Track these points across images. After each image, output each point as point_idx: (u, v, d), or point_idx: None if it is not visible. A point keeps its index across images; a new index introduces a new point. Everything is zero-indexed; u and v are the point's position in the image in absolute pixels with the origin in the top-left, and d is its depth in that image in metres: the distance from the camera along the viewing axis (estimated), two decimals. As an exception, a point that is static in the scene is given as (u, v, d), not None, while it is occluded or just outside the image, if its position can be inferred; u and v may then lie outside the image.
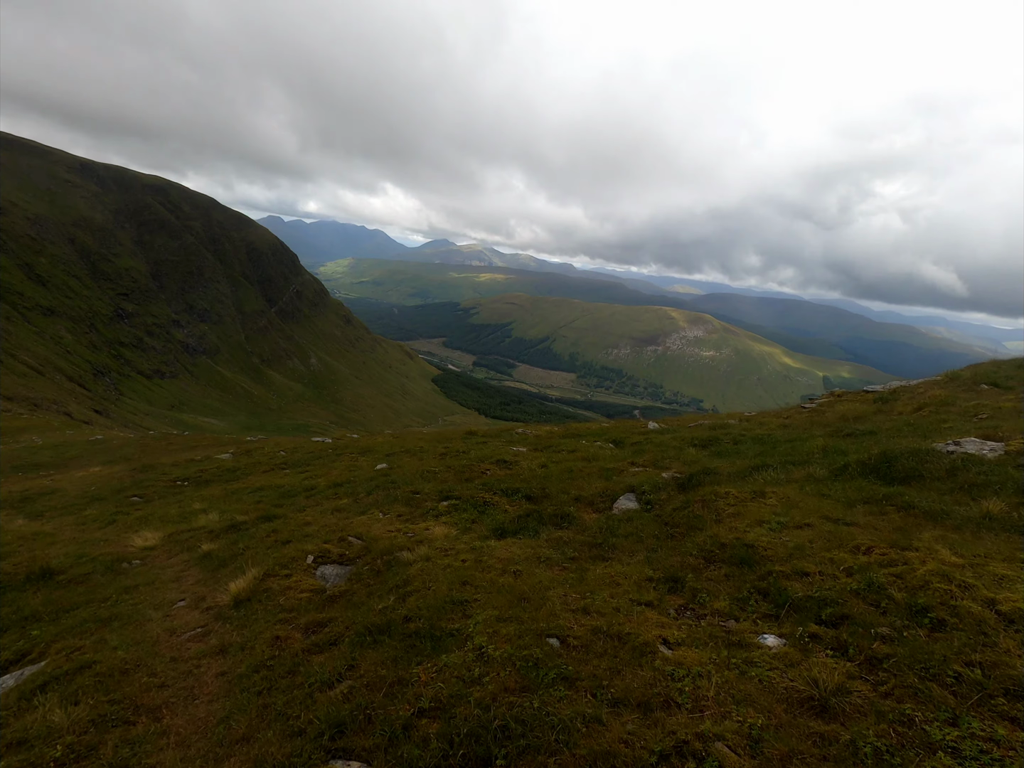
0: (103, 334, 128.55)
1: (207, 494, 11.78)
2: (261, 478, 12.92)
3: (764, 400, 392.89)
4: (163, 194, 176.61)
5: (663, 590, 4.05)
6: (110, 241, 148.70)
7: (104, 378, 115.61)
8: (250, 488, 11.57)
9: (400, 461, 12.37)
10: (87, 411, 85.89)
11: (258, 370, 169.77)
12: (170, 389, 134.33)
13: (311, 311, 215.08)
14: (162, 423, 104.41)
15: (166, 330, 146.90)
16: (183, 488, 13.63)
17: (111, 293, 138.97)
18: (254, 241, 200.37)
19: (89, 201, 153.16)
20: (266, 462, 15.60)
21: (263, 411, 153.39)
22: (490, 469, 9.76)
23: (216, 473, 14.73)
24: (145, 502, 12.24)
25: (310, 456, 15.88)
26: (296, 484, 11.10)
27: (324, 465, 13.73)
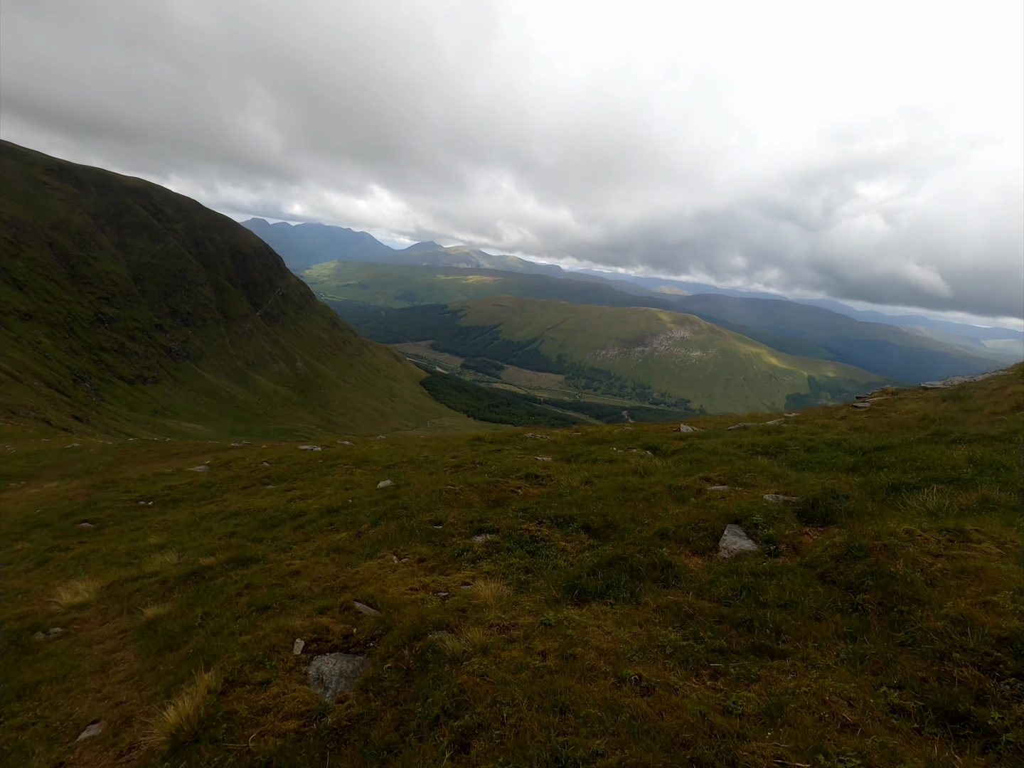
0: (83, 339, 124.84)
1: (171, 520, 9.67)
2: (239, 497, 10.86)
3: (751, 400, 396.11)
4: (144, 196, 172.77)
5: (942, 737, 2.29)
6: (90, 244, 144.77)
7: (84, 384, 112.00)
8: (224, 513, 9.43)
9: (406, 475, 10.43)
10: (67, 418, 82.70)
11: (243, 374, 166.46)
12: (153, 394, 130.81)
13: (297, 314, 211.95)
14: (145, 429, 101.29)
15: (148, 334, 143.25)
16: (146, 510, 11.41)
17: (91, 297, 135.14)
18: (238, 244, 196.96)
19: (68, 203, 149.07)
20: (246, 476, 13.46)
21: (249, 416, 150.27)
22: (520, 486, 7.89)
23: (187, 490, 12.51)
24: (96, 530, 10.07)
25: (297, 468, 13.85)
26: (280, 507, 9.00)
27: (314, 481, 11.61)
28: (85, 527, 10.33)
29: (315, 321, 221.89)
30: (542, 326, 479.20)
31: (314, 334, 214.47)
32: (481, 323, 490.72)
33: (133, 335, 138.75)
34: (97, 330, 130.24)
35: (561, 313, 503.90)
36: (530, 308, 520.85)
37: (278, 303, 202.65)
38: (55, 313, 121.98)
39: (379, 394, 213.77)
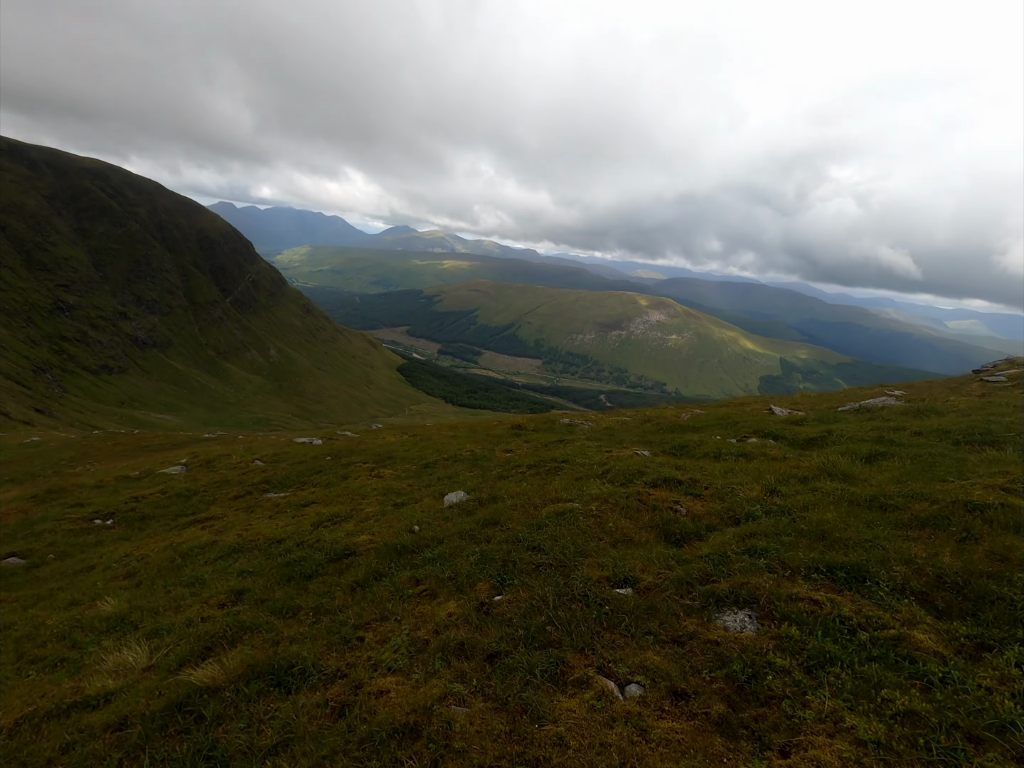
0: (42, 328, 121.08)
1: (137, 558, 6.98)
2: (234, 515, 8.47)
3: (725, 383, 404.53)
4: (103, 179, 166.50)
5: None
6: (46, 229, 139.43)
7: (45, 375, 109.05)
8: (219, 547, 6.71)
9: (473, 482, 7.85)
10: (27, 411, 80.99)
11: (214, 363, 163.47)
12: (119, 385, 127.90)
13: (268, 301, 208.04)
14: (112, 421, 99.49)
15: (112, 323, 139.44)
16: (102, 533, 8.90)
17: (49, 284, 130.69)
18: (205, 228, 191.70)
19: (20, 186, 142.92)
20: (236, 480, 11.26)
21: (221, 405, 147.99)
22: (676, 500, 5.83)
23: (159, 502, 10.25)
24: (24, 571, 7.47)
25: (303, 469, 11.62)
26: (306, 537, 6.39)
27: (333, 487, 9.41)
28: (10, 565, 7.59)
29: (288, 308, 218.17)
30: (519, 311, 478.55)
31: (287, 321, 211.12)
32: (458, 308, 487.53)
33: (96, 324, 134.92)
34: (57, 319, 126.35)
35: (538, 298, 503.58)
36: (507, 293, 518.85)
37: (248, 289, 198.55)
38: (10, 301, 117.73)
39: (356, 381, 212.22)
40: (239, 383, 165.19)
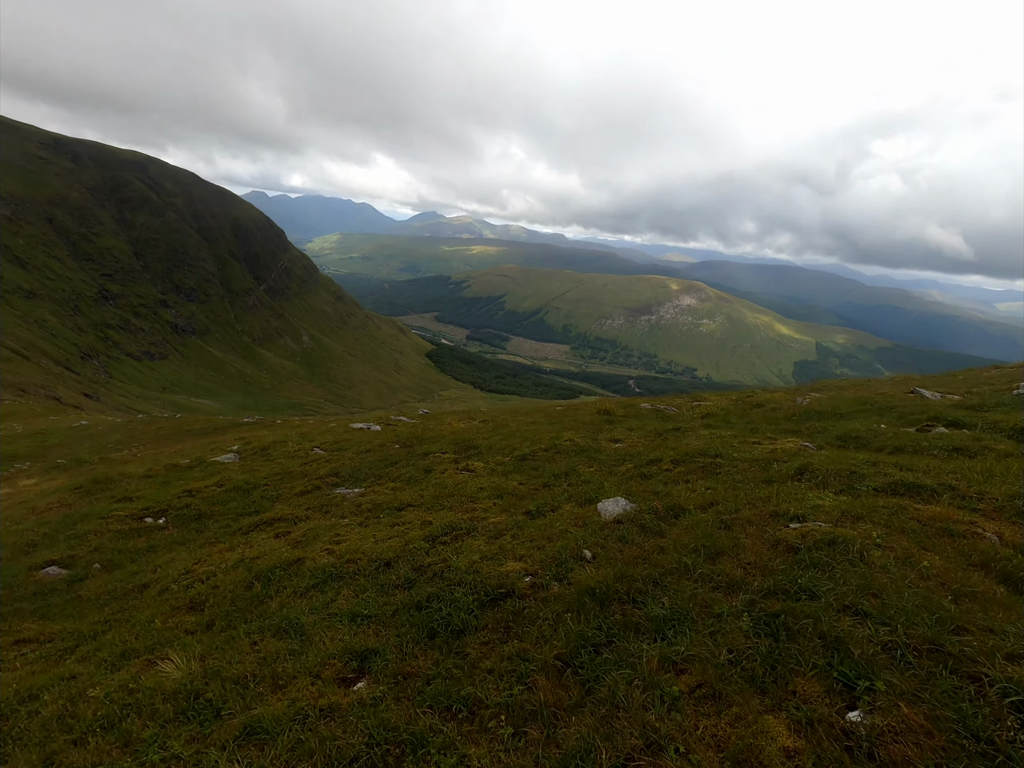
0: (88, 316, 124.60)
1: (200, 574, 5.53)
2: (309, 519, 6.93)
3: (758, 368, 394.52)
4: (142, 170, 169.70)
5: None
6: (90, 220, 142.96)
7: (92, 361, 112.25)
8: (306, 572, 5.05)
9: (631, 488, 6.14)
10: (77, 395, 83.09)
11: (249, 349, 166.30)
12: (161, 371, 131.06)
13: (301, 288, 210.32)
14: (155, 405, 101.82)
15: (153, 310, 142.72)
16: (153, 536, 7.50)
17: (94, 274, 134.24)
18: (239, 217, 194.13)
19: (65, 179, 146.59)
20: (299, 471, 9.85)
21: (257, 390, 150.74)
22: (979, 524, 4.19)
23: (216, 497, 8.84)
24: (66, 588, 6.05)
25: (371, 459, 10.03)
26: (418, 555, 4.98)
27: (418, 484, 7.82)
28: (50, 576, 6.32)
29: (319, 295, 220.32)
30: (547, 296, 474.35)
31: (319, 308, 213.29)
32: (485, 294, 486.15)
33: (138, 311, 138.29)
34: (102, 307, 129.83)
35: (566, 283, 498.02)
36: (535, 278, 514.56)
37: (281, 277, 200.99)
38: (59, 291, 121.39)
39: (385, 367, 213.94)
40: (273, 369, 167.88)
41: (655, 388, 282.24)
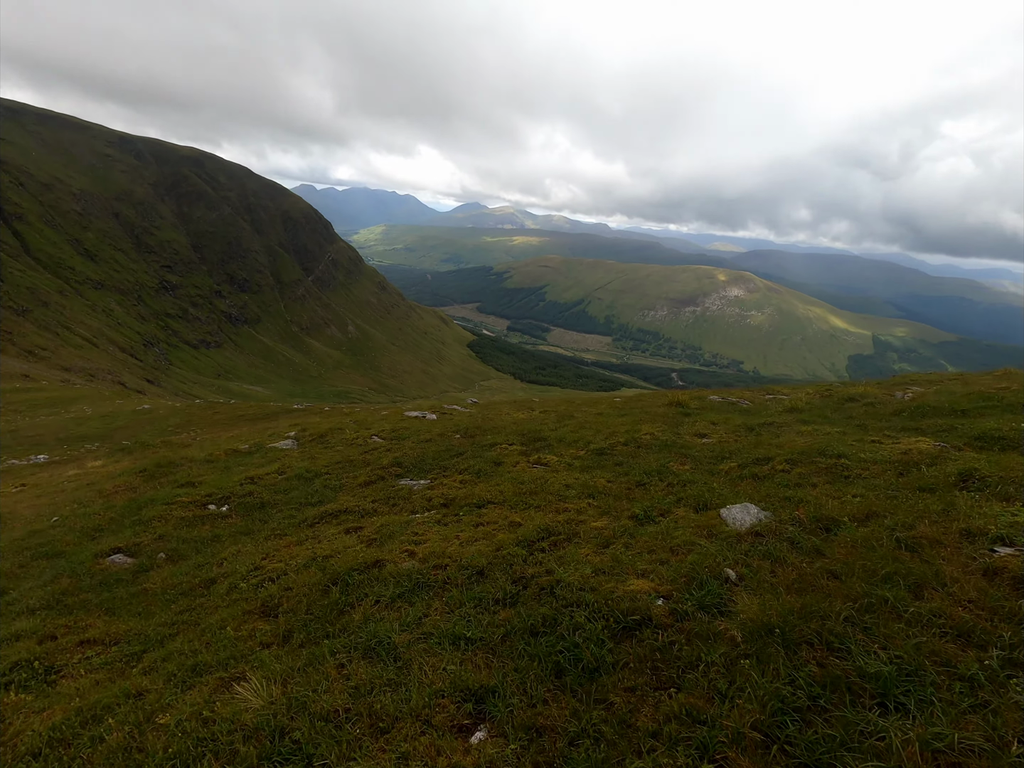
0: (150, 306, 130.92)
1: (270, 572, 5.04)
2: (377, 513, 6.42)
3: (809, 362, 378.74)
4: (199, 165, 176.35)
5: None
6: (152, 214, 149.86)
7: (154, 348, 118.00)
8: (389, 578, 4.40)
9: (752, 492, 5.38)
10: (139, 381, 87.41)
11: (298, 338, 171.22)
12: (216, 358, 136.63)
13: (347, 279, 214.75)
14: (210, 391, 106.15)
15: (209, 301, 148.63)
16: (217, 524, 7.14)
17: (155, 265, 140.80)
18: (289, 210, 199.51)
19: (129, 175, 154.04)
20: (360, 460, 9.28)
21: (304, 378, 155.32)
22: None
23: (278, 485, 8.41)
24: (131, 579, 5.68)
25: (434, 449, 9.45)
26: (515, 562, 4.33)
27: (493, 478, 7.10)
28: (115, 565, 5.97)
29: (364, 285, 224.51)
30: (589, 287, 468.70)
31: (364, 298, 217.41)
32: (527, 284, 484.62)
33: (195, 302, 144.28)
34: (163, 297, 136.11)
35: (608, 273, 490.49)
36: (576, 268, 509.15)
37: (329, 268, 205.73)
38: (124, 281, 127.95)
39: (427, 357, 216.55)
40: (320, 357, 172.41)
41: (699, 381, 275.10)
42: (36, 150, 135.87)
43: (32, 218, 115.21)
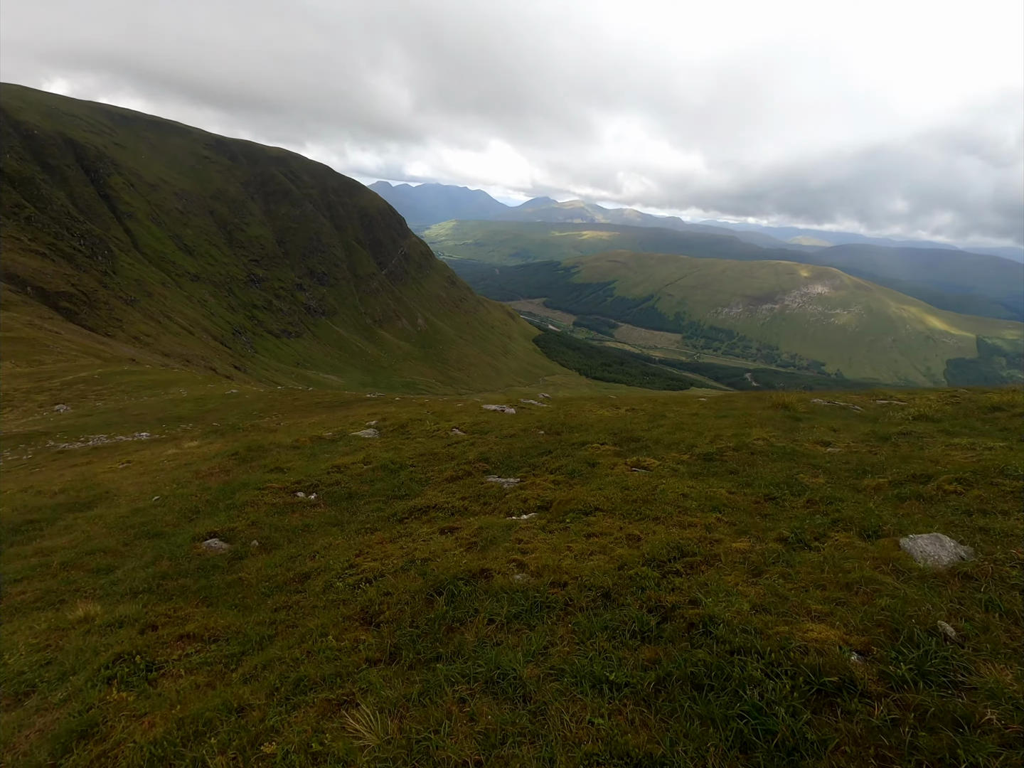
0: (239, 297, 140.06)
1: (367, 572, 4.70)
2: (478, 517, 5.92)
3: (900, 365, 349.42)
4: (285, 165, 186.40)
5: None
6: (242, 211, 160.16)
7: (241, 337, 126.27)
8: (500, 592, 3.85)
9: (924, 519, 4.41)
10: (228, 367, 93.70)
11: (370, 330, 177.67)
12: (295, 347, 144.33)
13: (418, 273, 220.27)
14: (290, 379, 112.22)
15: (291, 293, 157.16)
16: (307, 513, 7.01)
17: (244, 259, 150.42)
18: (365, 206, 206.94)
19: (223, 175, 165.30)
20: (444, 453, 9.03)
21: (376, 368, 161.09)
22: None
23: (363, 475, 8.21)
24: (227, 567, 5.58)
25: (520, 445, 8.95)
26: (646, 584, 3.68)
27: (590, 481, 6.49)
28: (212, 550, 5.97)
29: (434, 279, 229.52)
30: (659, 282, 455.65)
31: (433, 292, 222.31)
32: (595, 280, 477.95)
33: (279, 294, 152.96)
34: (250, 289, 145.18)
35: (681, 268, 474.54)
36: (647, 263, 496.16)
37: (401, 262, 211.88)
38: (217, 274, 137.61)
39: (493, 351, 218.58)
40: (390, 349, 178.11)
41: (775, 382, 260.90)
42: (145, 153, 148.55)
43: (141, 216, 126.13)
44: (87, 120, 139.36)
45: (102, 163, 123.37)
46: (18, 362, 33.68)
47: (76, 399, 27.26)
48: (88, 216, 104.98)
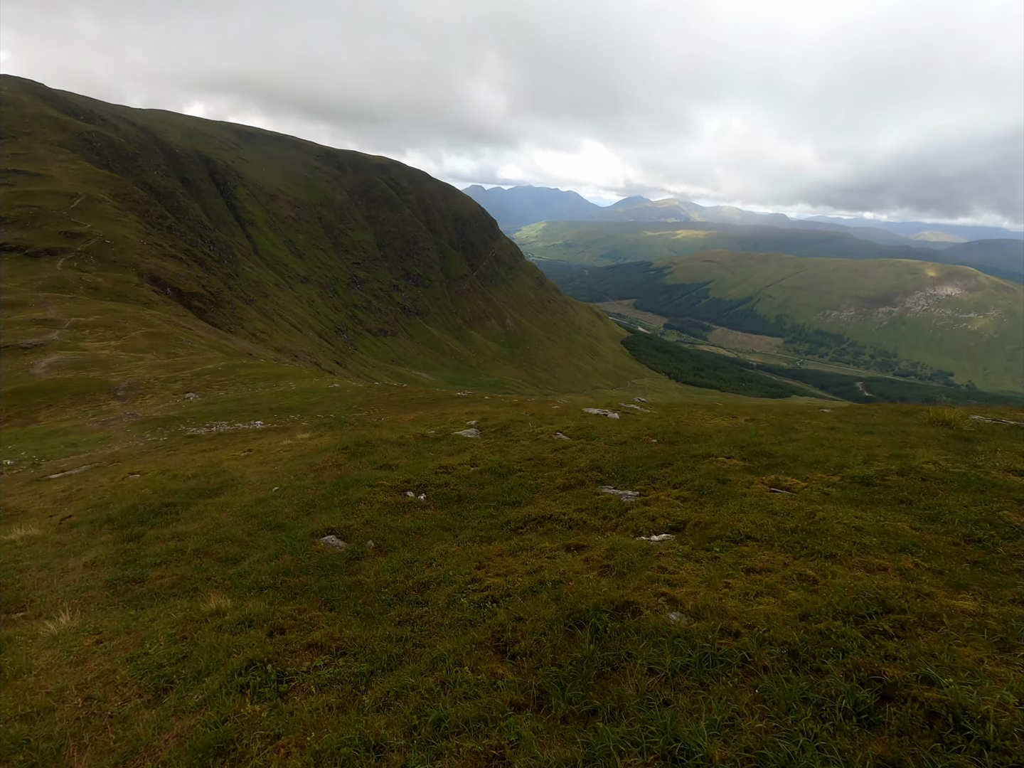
0: (342, 297, 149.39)
1: (493, 589, 4.30)
2: (605, 536, 5.27)
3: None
4: (386, 172, 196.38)
5: None
6: (347, 217, 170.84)
7: (343, 335, 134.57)
8: (661, 639, 3.16)
9: None
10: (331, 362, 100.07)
11: (460, 330, 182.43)
12: (391, 345, 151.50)
13: (507, 274, 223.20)
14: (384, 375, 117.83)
15: (388, 294, 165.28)
16: (418, 515, 6.80)
17: (348, 262, 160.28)
18: (459, 210, 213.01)
19: (331, 183, 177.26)
20: (552, 458, 8.48)
21: (465, 367, 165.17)
22: None
23: (470, 478, 7.95)
24: (344, 566, 5.42)
25: (633, 454, 8.23)
26: (848, 645, 2.89)
27: (724, 504, 5.72)
28: (330, 548, 5.87)
29: (523, 280, 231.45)
30: (759, 283, 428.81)
31: (522, 293, 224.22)
32: (688, 280, 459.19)
33: (377, 294, 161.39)
34: (352, 290, 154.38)
35: (784, 268, 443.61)
36: (746, 263, 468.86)
37: (491, 264, 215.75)
38: (323, 276, 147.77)
39: (580, 352, 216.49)
40: (479, 348, 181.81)
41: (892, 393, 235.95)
42: (266, 166, 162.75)
43: (260, 223, 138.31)
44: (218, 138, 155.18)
45: (230, 176, 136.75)
46: (159, 354, 37.81)
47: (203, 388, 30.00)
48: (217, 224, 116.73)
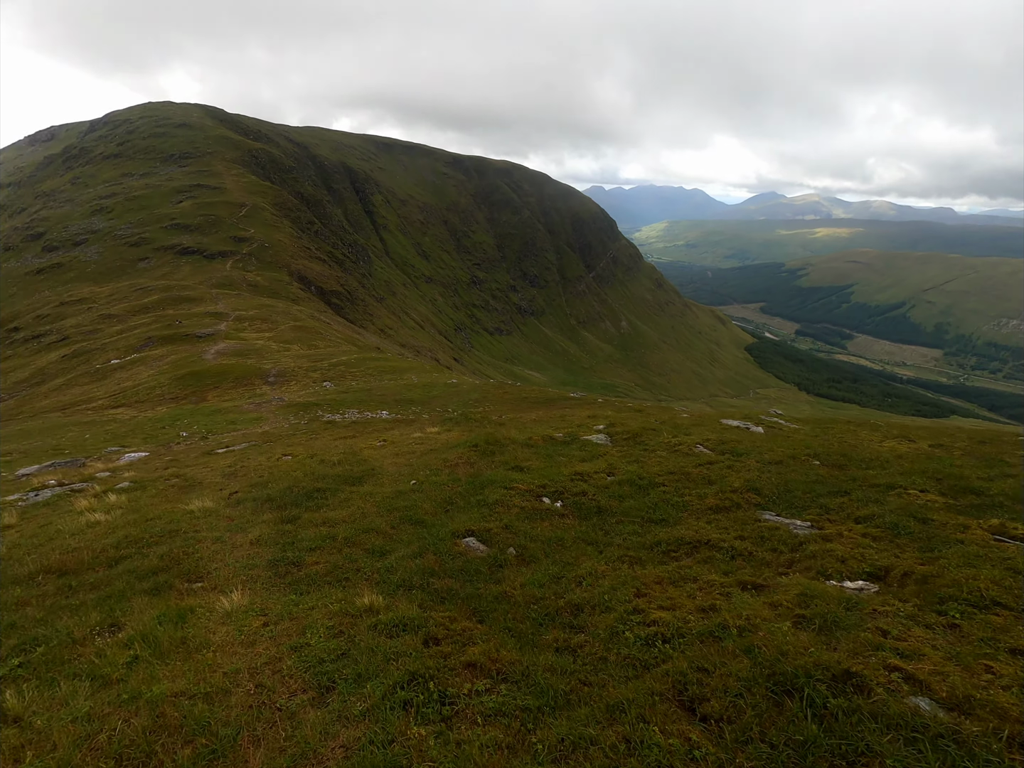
0: (462, 297, 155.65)
1: (661, 628, 3.75)
2: (788, 578, 4.45)
3: None
4: (508, 176, 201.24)
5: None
6: (470, 220, 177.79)
7: (461, 333, 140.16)
8: (891, 708, 2.60)
9: None
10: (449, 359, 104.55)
11: (574, 331, 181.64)
12: (506, 344, 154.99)
13: (624, 275, 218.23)
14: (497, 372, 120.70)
15: (505, 294, 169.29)
16: (556, 526, 6.41)
17: (468, 263, 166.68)
18: (578, 211, 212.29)
19: (457, 188, 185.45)
20: (698, 475, 7.79)
21: (576, 368, 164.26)
22: None
23: (609, 488, 7.43)
24: (487, 573, 5.22)
25: (795, 476, 7.48)
26: None
27: (934, 553, 4.66)
28: (471, 551, 5.75)
29: (640, 282, 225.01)
30: (914, 287, 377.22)
31: (639, 295, 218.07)
32: (827, 283, 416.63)
33: (495, 294, 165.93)
34: (471, 290, 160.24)
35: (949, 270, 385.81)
36: (899, 264, 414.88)
37: (608, 265, 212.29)
38: (446, 277, 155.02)
39: (699, 357, 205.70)
40: (592, 350, 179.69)
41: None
42: (400, 174, 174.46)
43: (392, 227, 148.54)
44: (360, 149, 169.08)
45: (368, 184, 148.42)
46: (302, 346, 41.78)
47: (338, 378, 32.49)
48: (356, 228, 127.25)
